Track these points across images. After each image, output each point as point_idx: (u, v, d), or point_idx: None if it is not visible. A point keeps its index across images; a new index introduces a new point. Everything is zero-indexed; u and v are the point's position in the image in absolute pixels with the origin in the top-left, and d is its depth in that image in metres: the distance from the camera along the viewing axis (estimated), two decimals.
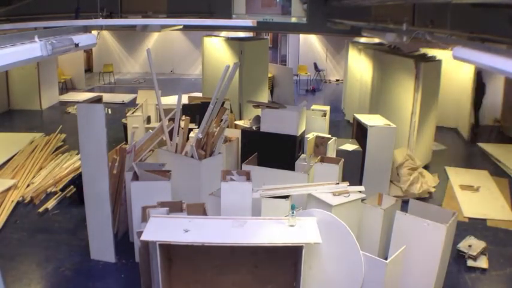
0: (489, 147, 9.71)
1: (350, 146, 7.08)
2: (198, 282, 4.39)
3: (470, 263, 5.47)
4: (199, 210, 4.87)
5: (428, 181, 7.50)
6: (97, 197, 5.20)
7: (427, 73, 7.79)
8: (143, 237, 4.11)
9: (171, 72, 18.62)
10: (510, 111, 10.79)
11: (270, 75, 12.49)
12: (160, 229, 4.16)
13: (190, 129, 6.85)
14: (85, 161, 5.18)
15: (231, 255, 4.34)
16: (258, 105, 7.67)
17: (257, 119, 7.49)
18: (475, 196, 7.43)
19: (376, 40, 11.20)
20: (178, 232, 4.13)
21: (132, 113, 8.64)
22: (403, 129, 7.90)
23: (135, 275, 4.88)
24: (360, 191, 5.14)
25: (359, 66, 11.31)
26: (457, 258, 5.51)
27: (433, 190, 7.42)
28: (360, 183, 6.61)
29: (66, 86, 15.04)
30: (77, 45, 3.68)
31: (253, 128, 7.49)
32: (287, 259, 4.33)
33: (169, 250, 4.23)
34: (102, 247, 5.37)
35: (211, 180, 5.51)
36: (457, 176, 8.10)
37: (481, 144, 9.93)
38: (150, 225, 4.20)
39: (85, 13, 5.98)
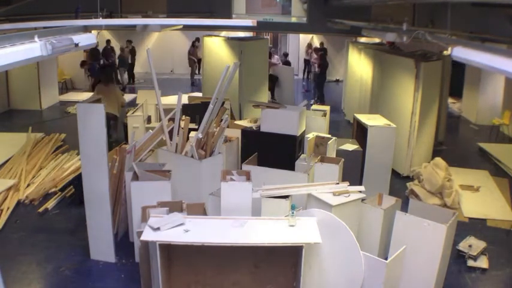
0: (489, 147, 9.72)
1: (350, 146, 7.08)
2: (198, 282, 4.39)
3: (470, 263, 5.46)
4: (199, 210, 4.88)
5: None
6: (97, 197, 5.19)
7: (427, 73, 7.79)
8: (143, 237, 4.11)
9: (171, 72, 18.62)
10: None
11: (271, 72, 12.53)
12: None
13: (191, 129, 6.84)
14: (85, 160, 5.17)
15: (231, 255, 4.34)
16: (258, 105, 7.67)
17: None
18: (475, 196, 7.42)
19: (376, 40, 11.21)
20: (178, 232, 4.13)
21: (132, 113, 8.64)
22: (403, 129, 7.90)
23: (135, 275, 4.88)
24: (360, 191, 5.13)
25: (359, 66, 11.31)
26: (457, 258, 5.50)
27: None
28: (360, 183, 6.61)
29: (66, 86, 15.04)
30: (77, 45, 3.68)
31: (253, 128, 7.49)
32: (287, 259, 4.33)
33: (169, 250, 4.23)
34: (102, 247, 5.37)
35: (211, 180, 5.51)
36: (457, 176, 8.09)
37: (481, 144, 9.93)
38: (150, 225, 4.21)
39: (85, 13, 5.97)
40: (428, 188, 7.08)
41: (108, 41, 16.56)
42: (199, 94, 11.65)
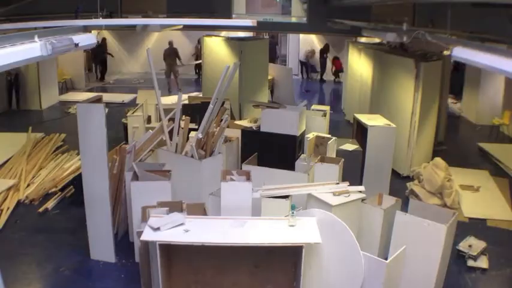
0: (489, 147, 9.71)
1: (350, 146, 7.09)
2: (198, 282, 4.39)
3: (470, 263, 5.46)
4: (199, 210, 4.87)
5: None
6: (97, 197, 5.19)
7: (427, 73, 7.79)
8: (143, 237, 4.12)
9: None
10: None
11: (269, 77, 12.50)
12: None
13: (191, 129, 6.84)
14: (85, 161, 5.17)
15: (231, 255, 4.34)
16: (258, 105, 7.67)
17: None
18: (475, 196, 7.42)
19: (377, 40, 11.21)
20: (178, 232, 4.13)
21: (133, 113, 8.64)
22: (403, 129, 7.90)
23: (135, 275, 4.88)
24: (360, 191, 5.13)
25: (359, 66, 11.31)
26: (457, 258, 5.50)
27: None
28: (360, 183, 6.61)
29: (66, 86, 15.03)
30: (77, 45, 3.68)
31: (253, 128, 7.50)
32: (287, 259, 4.33)
33: (169, 250, 4.23)
34: (102, 247, 5.37)
35: (211, 180, 5.51)
36: (457, 176, 8.08)
37: (481, 144, 9.93)
38: (150, 225, 4.21)
39: (85, 13, 5.97)
40: (428, 188, 7.08)
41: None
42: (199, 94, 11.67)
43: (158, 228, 4.14)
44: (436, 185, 6.98)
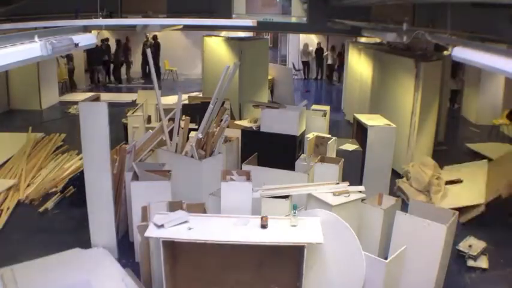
0: (478, 147, 9.62)
1: (350, 146, 7.08)
2: (201, 280, 4.40)
3: (470, 263, 5.47)
4: (199, 210, 4.88)
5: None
6: (99, 195, 5.20)
7: (427, 73, 7.79)
8: (147, 234, 4.13)
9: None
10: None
11: (269, 77, 12.52)
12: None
13: (191, 129, 6.84)
14: (87, 159, 5.17)
15: (234, 254, 4.35)
16: (258, 105, 7.68)
17: None
18: (457, 188, 7.08)
19: (377, 40, 11.21)
20: (182, 229, 4.15)
21: (133, 113, 8.65)
22: (403, 129, 7.90)
23: (135, 274, 4.87)
24: (360, 191, 5.13)
25: (359, 66, 11.32)
26: (457, 258, 5.50)
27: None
28: (360, 183, 6.61)
29: (66, 87, 15.03)
30: (76, 45, 3.69)
31: (253, 128, 7.50)
32: (290, 258, 4.34)
33: (173, 247, 4.24)
34: (104, 244, 5.36)
35: (211, 180, 5.51)
36: (458, 173, 7.82)
37: (468, 145, 9.87)
38: (155, 222, 4.22)
39: (85, 13, 5.98)
40: (416, 186, 7.10)
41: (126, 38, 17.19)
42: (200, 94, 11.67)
43: (162, 225, 4.15)
44: (424, 183, 6.99)
